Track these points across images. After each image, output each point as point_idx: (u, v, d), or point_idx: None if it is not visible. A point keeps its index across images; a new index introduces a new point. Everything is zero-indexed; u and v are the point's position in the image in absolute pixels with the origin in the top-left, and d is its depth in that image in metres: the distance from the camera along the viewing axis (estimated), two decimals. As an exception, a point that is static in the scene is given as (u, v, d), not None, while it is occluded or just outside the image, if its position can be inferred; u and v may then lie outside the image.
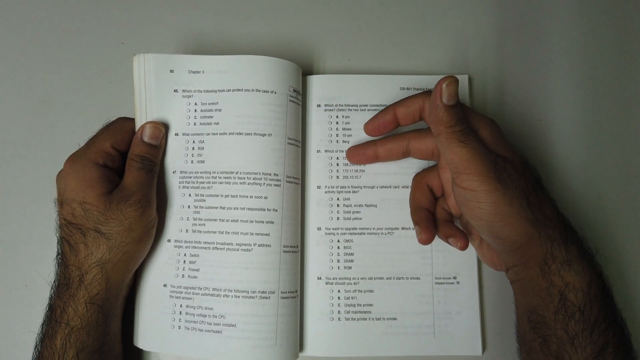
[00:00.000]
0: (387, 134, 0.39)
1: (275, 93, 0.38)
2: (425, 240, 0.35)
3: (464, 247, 0.35)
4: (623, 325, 0.31)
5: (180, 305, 0.37)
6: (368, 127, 0.38)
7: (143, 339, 0.37)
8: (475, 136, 0.33)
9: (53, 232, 0.35)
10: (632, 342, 0.32)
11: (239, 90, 0.38)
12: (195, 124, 0.38)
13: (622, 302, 0.33)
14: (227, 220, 0.37)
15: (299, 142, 0.40)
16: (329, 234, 0.39)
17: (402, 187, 0.40)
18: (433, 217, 0.37)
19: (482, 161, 0.32)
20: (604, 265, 0.32)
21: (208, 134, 0.38)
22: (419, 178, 0.39)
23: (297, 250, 0.38)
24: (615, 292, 0.32)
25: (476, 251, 0.38)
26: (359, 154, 0.39)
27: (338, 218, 0.40)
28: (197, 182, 0.38)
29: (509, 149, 0.34)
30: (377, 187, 0.40)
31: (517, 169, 0.32)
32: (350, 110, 0.41)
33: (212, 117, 0.38)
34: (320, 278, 0.39)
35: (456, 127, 0.32)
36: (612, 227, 0.40)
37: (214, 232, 0.37)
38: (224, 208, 0.37)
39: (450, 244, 0.36)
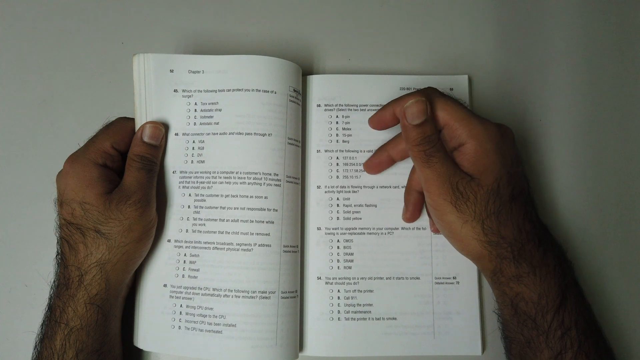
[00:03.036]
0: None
1: (275, 93, 0.38)
2: (408, 220, 0.39)
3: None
4: (588, 333, 0.31)
5: (181, 306, 0.37)
6: (372, 122, 0.38)
7: (143, 339, 0.37)
8: (442, 156, 0.33)
9: (53, 232, 0.35)
10: (602, 347, 0.32)
11: (239, 90, 0.38)
12: (195, 123, 0.38)
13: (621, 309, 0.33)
14: (227, 220, 0.37)
15: (299, 142, 0.40)
16: (328, 233, 0.39)
17: (402, 187, 0.40)
18: (423, 200, 0.39)
19: (442, 184, 0.33)
20: (598, 266, 0.33)
21: (208, 134, 0.38)
22: None
23: (297, 250, 0.38)
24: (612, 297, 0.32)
25: None
26: (376, 164, 0.40)
27: (338, 218, 0.40)
28: (197, 182, 0.38)
29: (495, 163, 0.32)
30: (377, 187, 0.40)
31: (482, 192, 0.32)
32: (350, 110, 0.41)
33: (212, 117, 0.38)
34: (320, 278, 0.39)
35: (421, 146, 0.33)
36: (611, 227, 0.40)
37: (214, 232, 0.37)
38: (224, 208, 0.37)
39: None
